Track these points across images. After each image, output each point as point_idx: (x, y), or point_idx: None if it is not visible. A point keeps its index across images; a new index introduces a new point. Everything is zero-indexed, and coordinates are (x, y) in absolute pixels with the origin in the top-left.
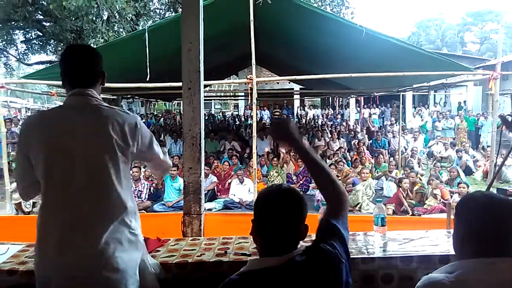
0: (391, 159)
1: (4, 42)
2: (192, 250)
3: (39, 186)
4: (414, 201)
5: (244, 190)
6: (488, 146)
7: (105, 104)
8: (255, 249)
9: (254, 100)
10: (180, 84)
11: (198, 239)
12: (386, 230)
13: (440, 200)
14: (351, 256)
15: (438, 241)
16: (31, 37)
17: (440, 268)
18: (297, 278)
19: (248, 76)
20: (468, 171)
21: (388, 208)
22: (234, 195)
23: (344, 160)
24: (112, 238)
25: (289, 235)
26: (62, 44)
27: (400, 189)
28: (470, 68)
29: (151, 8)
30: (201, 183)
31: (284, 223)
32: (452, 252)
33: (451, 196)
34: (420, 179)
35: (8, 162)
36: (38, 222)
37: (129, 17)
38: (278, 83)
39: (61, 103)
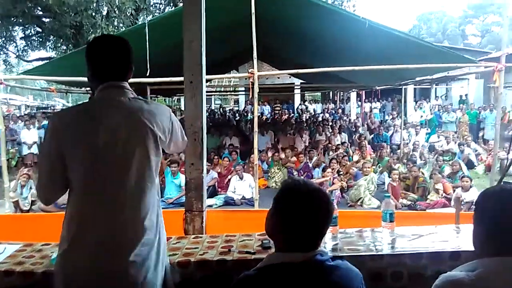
0: (392, 153)
1: (3, 39)
2: (195, 248)
3: (65, 189)
4: (417, 195)
5: (245, 186)
6: (491, 140)
7: (141, 98)
8: (260, 247)
9: (256, 95)
10: (181, 78)
11: (201, 237)
12: (394, 226)
13: (442, 195)
14: (358, 254)
15: (448, 236)
16: (30, 34)
17: (459, 266)
18: (320, 276)
19: (250, 70)
20: (470, 165)
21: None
22: (234, 192)
23: (348, 156)
24: (144, 244)
25: (314, 233)
26: (61, 40)
27: (390, 180)
28: (474, 60)
29: (151, 3)
30: (203, 179)
31: (313, 221)
32: (463, 248)
33: (454, 190)
34: (423, 173)
35: (7, 160)
36: (69, 223)
37: (128, 12)
38: (279, 77)
39: (61, 99)
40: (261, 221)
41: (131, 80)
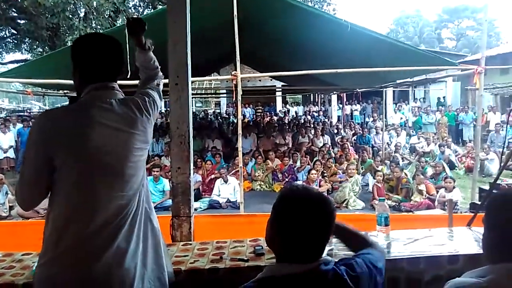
0: (375, 155)
1: None
2: (185, 256)
3: (48, 193)
4: (400, 196)
5: (229, 189)
6: (470, 141)
7: (130, 97)
8: (253, 253)
9: (239, 97)
10: (166, 81)
11: (190, 244)
12: (389, 230)
13: (425, 196)
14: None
15: (443, 240)
16: (4, 36)
17: (468, 272)
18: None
19: (233, 73)
20: (451, 166)
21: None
22: (219, 195)
23: (332, 159)
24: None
25: (317, 242)
26: (37, 42)
27: (375, 181)
28: (455, 63)
29: (130, 5)
30: (190, 183)
31: (315, 229)
32: (461, 252)
33: (437, 191)
34: (406, 174)
35: None
36: (52, 231)
37: (107, 14)
38: (260, 80)
39: (37, 102)
40: (249, 226)
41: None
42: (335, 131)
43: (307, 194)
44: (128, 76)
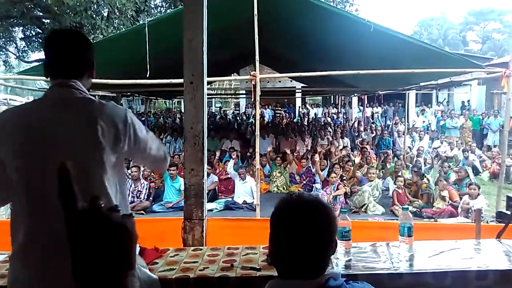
0: (395, 158)
1: (3, 40)
2: (194, 262)
3: (6, 194)
4: (422, 202)
5: (246, 189)
6: (495, 146)
7: (91, 97)
8: (265, 262)
9: (257, 98)
10: (181, 80)
11: (201, 249)
12: (413, 241)
13: (448, 202)
14: (374, 272)
15: (471, 253)
16: (30, 34)
17: None
18: None
19: (252, 73)
20: (475, 171)
21: (397, 209)
22: (239, 197)
23: (352, 162)
24: None
25: (317, 254)
26: None
27: (396, 187)
28: (482, 66)
29: (152, 5)
30: (204, 185)
31: (313, 238)
32: (491, 266)
33: (461, 198)
34: (428, 179)
35: None
36: (13, 233)
37: (129, 14)
38: (280, 81)
39: None
40: (263, 231)
41: (130, 81)
42: (356, 133)
43: (301, 201)
44: (148, 75)
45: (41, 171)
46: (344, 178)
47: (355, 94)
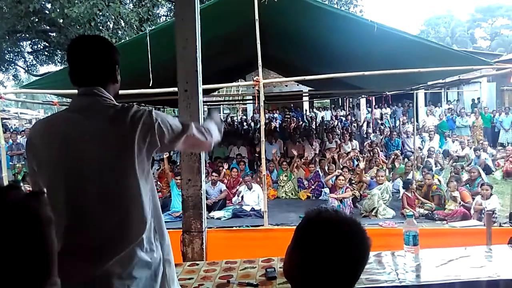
0: (406, 160)
1: (12, 54)
2: (189, 279)
3: None
4: (433, 204)
5: (253, 197)
6: (508, 143)
7: (116, 104)
8: (263, 277)
9: (262, 103)
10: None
11: (197, 264)
12: (419, 250)
13: (460, 203)
14: (379, 285)
15: (481, 261)
16: (38, 48)
17: None
18: None
19: (255, 78)
20: (487, 170)
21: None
22: (243, 203)
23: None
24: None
25: (347, 279)
26: None
27: (405, 191)
28: (490, 62)
29: (158, 14)
30: (202, 196)
31: (345, 262)
32: (502, 276)
33: (473, 198)
34: (439, 180)
35: (14, 175)
36: None
37: (135, 25)
38: (286, 85)
39: None
40: (268, 241)
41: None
42: (365, 135)
43: (339, 219)
44: (150, 85)
45: (74, 181)
46: (353, 181)
47: (363, 96)
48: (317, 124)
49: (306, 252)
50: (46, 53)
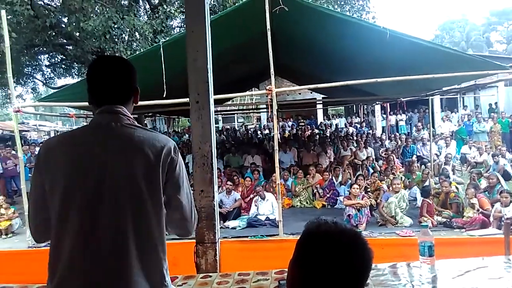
0: (423, 166)
1: (30, 67)
2: None
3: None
4: (451, 212)
5: (267, 206)
6: None
7: (138, 125)
8: None
9: (275, 112)
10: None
11: (210, 276)
12: (434, 261)
13: (479, 211)
14: None
15: (499, 272)
16: (55, 61)
17: None
18: None
19: (267, 87)
20: (506, 176)
21: (426, 220)
22: (257, 214)
23: (377, 173)
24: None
25: None
26: (85, 66)
27: (426, 198)
28: (506, 66)
29: (172, 26)
30: (215, 207)
31: (348, 276)
32: None
33: (492, 206)
34: (457, 187)
35: None
36: (49, 264)
37: (149, 37)
38: (299, 93)
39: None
40: (282, 252)
41: (147, 102)
42: (379, 142)
43: (339, 232)
44: (164, 95)
45: (86, 197)
46: (369, 189)
47: (377, 102)
48: (331, 132)
49: (307, 266)
50: (63, 66)
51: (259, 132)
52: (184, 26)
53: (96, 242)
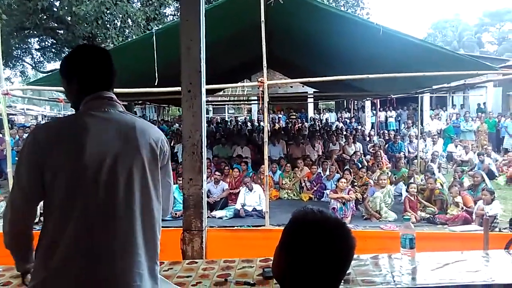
0: (409, 164)
1: (19, 51)
2: (187, 277)
3: (36, 211)
4: (435, 208)
5: (255, 197)
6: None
7: (132, 114)
8: (260, 276)
9: (266, 104)
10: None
11: (196, 262)
12: (415, 253)
13: (462, 208)
14: (373, 287)
15: (477, 265)
16: (45, 45)
17: None
18: None
19: (259, 79)
20: (491, 175)
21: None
22: (244, 204)
23: (364, 168)
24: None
25: (333, 278)
26: None
27: (408, 194)
28: (495, 67)
29: (165, 13)
30: (203, 195)
31: (331, 263)
32: (497, 280)
33: (475, 203)
34: (442, 184)
35: None
36: (47, 248)
37: (142, 24)
38: (291, 86)
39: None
40: (268, 242)
41: (137, 90)
42: (368, 138)
43: (324, 220)
44: (156, 83)
45: (92, 181)
46: (356, 184)
47: (368, 98)
48: (320, 126)
49: (294, 253)
50: (53, 50)
51: (249, 123)
52: (178, 14)
53: (103, 223)
